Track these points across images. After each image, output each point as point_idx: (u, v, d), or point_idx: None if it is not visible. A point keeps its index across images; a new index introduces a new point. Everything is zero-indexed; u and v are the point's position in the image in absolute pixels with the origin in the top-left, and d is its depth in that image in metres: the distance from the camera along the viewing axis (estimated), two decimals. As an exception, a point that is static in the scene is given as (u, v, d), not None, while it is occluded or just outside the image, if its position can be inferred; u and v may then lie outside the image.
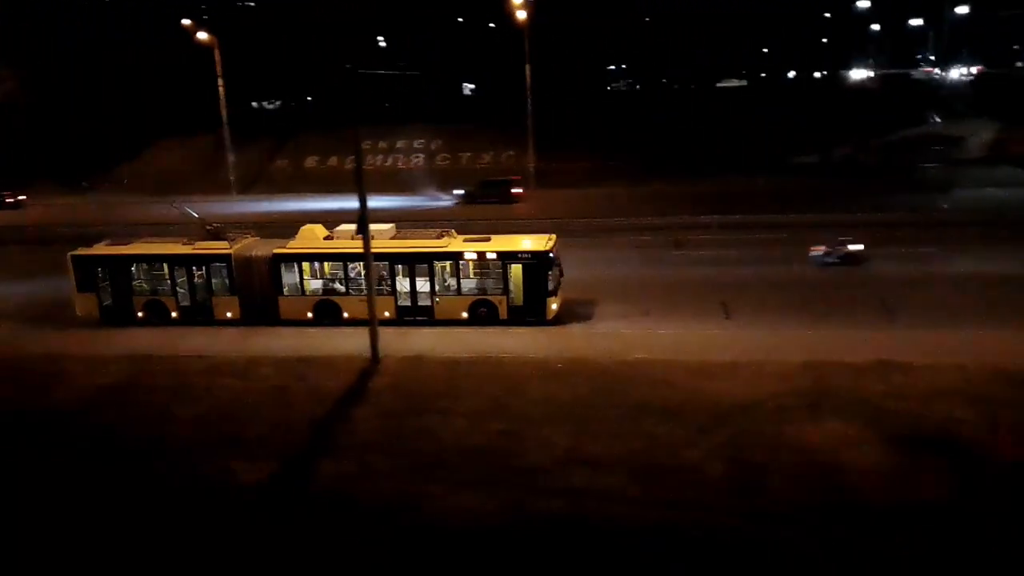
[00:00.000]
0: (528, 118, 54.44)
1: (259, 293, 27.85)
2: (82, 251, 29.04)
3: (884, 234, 36.58)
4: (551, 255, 26.48)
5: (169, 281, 28.40)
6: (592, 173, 56.83)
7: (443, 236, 27.83)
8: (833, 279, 30.83)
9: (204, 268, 28.02)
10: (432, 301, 27.18)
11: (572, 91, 78.21)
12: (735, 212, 42.62)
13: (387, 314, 26.91)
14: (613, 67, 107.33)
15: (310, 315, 27.76)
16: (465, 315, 27.05)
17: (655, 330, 25.75)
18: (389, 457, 17.98)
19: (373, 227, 27.58)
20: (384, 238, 27.67)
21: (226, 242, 28.48)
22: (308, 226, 29.13)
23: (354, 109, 65.60)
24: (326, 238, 28.43)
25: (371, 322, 23.95)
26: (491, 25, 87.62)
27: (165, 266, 28.43)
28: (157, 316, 28.45)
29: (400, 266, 27.14)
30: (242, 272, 27.76)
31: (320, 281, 28.01)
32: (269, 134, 70.77)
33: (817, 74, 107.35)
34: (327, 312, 27.70)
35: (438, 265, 26.99)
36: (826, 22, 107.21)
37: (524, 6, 52.58)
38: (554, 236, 27.70)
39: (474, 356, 23.82)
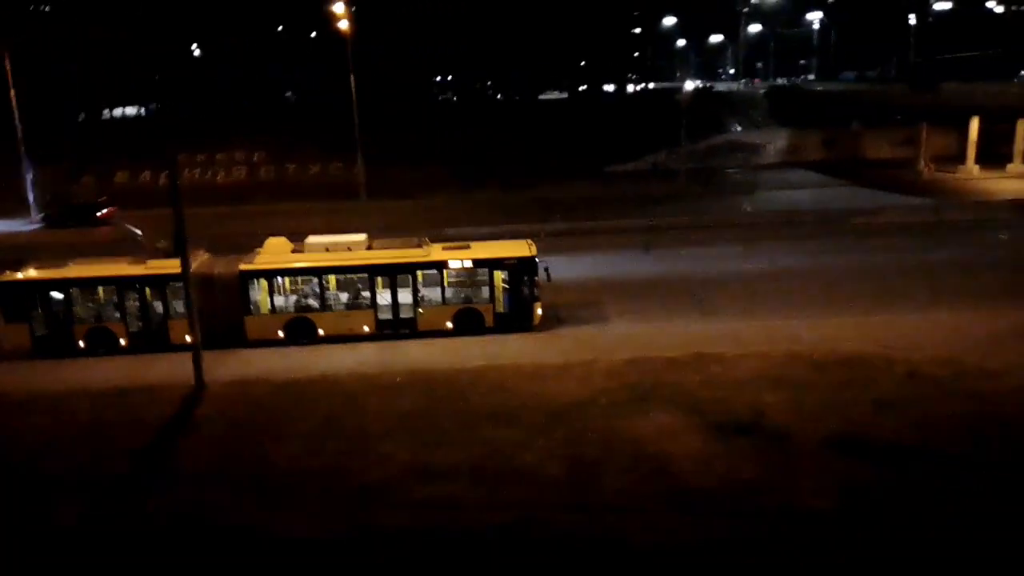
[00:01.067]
0: (355, 128, 53.69)
1: (223, 314, 25.52)
2: (10, 277, 25.92)
3: (699, 234, 39.35)
4: (536, 260, 25.98)
5: (117, 306, 25.82)
6: (425, 183, 56.89)
7: (422, 245, 26.77)
8: (649, 279, 32.70)
9: (158, 289, 25.66)
10: (415, 313, 26.19)
11: (401, 101, 78.13)
12: (564, 219, 44.09)
13: (366, 329, 26.07)
14: (439, 78, 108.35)
15: (281, 334, 26.04)
16: (450, 325, 26.24)
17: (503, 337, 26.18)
18: (219, 487, 17.11)
19: (346, 238, 26.94)
20: (358, 248, 26.46)
21: (166, 262, 25.73)
22: (272, 239, 27.12)
23: (166, 120, 61.82)
24: (293, 251, 26.60)
25: (195, 346, 22.66)
26: (312, 35, 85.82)
27: (113, 289, 25.77)
28: (102, 345, 25.84)
29: (380, 278, 25.88)
30: (202, 292, 24.82)
31: (292, 298, 26.24)
32: (81, 148, 65.11)
33: (631, 87, 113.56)
34: (301, 330, 26.03)
35: (421, 275, 25.96)
36: (637, 37, 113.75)
37: (346, 15, 51.92)
38: (532, 241, 27.13)
39: (311, 376, 23.19)
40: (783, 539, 14.49)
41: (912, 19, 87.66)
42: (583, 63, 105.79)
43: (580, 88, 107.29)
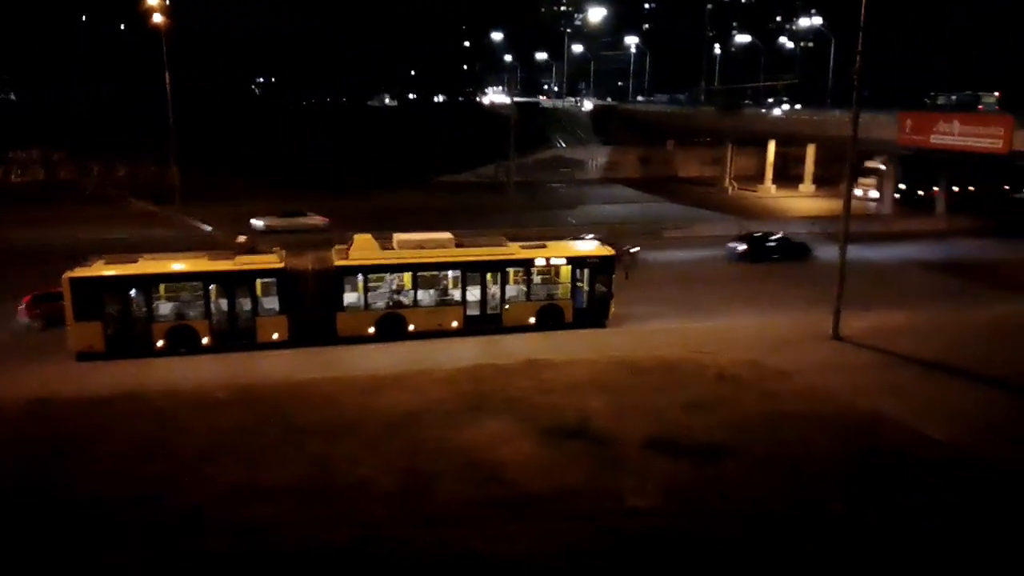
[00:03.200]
0: (170, 129, 50.55)
1: (314, 310, 25.20)
2: (83, 272, 24.05)
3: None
4: (614, 257, 27.33)
5: (202, 303, 24.60)
6: (248, 189, 54.57)
7: (502, 244, 27.48)
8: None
9: (248, 286, 24.81)
10: (501, 308, 26.74)
11: (221, 102, 74.48)
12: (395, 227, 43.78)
13: (455, 324, 26.59)
14: (262, 79, 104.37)
15: (372, 330, 25.93)
16: (533, 320, 27.16)
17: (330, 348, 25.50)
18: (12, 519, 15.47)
19: (434, 235, 27.45)
20: (448, 246, 26.93)
21: (275, 256, 25.50)
22: (360, 235, 26.86)
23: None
24: (383, 248, 26.55)
25: None
26: (122, 27, 79.89)
27: (199, 285, 24.61)
28: (183, 344, 24.58)
29: (471, 274, 26.46)
30: (295, 288, 24.91)
31: (384, 294, 26.28)
32: None
33: (461, 97, 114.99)
34: (392, 326, 26.00)
35: (510, 272, 26.64)
36: (467, 50, 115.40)
37: (161, 8, 48.77)
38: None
39: (123, 392, 21.51)
40: (610, 540, 15.16)
41: (717, 49, 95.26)
42: (413, 72, 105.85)
43: (410, 96, 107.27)
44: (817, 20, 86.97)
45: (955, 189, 54.70)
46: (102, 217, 47.49)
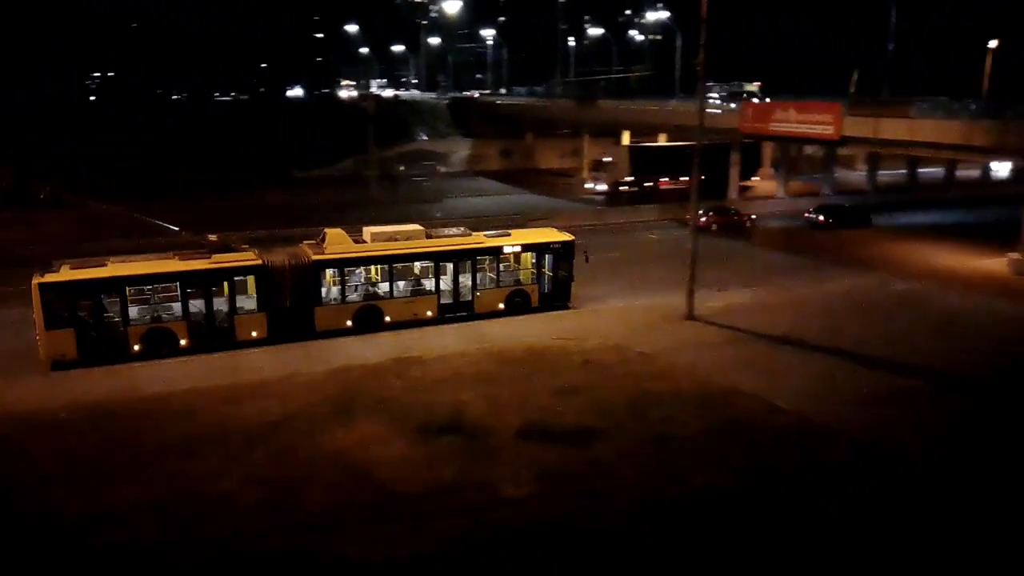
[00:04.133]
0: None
1: (292, 306, 25.31)
2: (53, 277, 22.96)
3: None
4: (575, 242, 28.67)
5: (179, 303, 24.13)
6: (93, 190, 50.79)
7: (470, 233, 28.20)
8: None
9: (226, 284, 24.47)
10: (473, 296, 27.58)
11: (59, 103, 69.05)
12: (260, 227, 42.05)
13: (429, 313, 27.28)
14: (98, 74, 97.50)
15: (350, 323, 26.30)
16: (502, 306, 28.24)
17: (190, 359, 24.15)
18: None
19: (405, 228, 28.22)
20: (418, 238, 27.48)
21: (251, 253, 25.19)
22: (333, 230, 27.08)
23: None
24: (356, 242, 26.85)
25: None
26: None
27: (175, 286, 24.03)
28: (162, 346, 23.93)
29: (444, 264, 27.21)
30: (272, 284, 24.94)
31: (361, 286, 26.58)
32: None
33: (316, 91, 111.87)
34: (369, 318, 26.42)
35: (481, 260, 27.49)
36: (319, 42, 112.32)
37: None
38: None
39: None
40: (485, 533, 15.20)
41: (571, 41, 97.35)
42: (264, 65, 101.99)
43: (261, 90, 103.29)
44: (664, 14, 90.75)
45: (684, 179, 52.58)
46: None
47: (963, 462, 17.77)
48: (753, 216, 47.09)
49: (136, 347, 23.94)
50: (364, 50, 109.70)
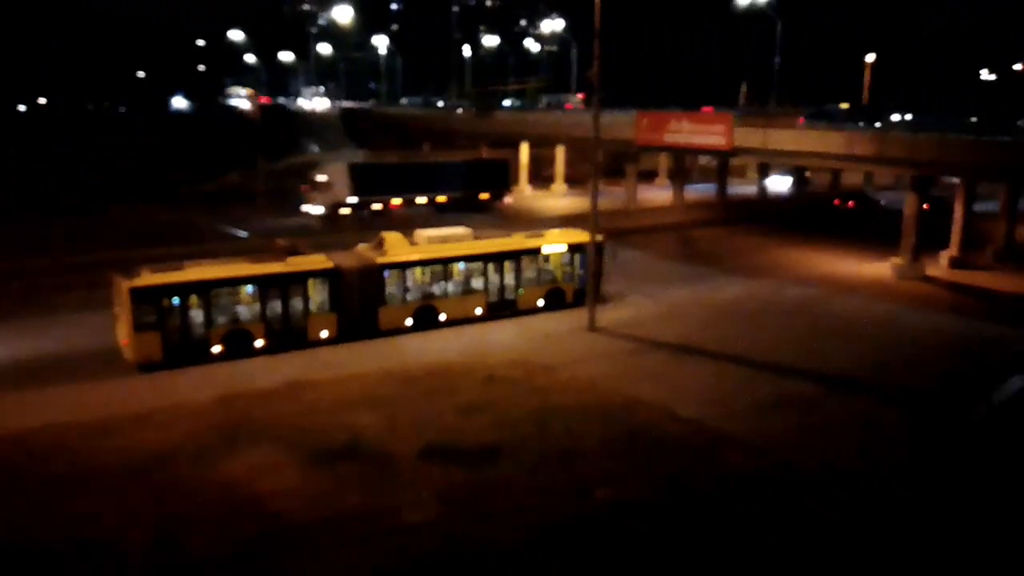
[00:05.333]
0: None
1: (360, 306, 26.58)
2: (144, 280, 23.37)
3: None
4: (604, 242, 29.96)
5: (258, 305, 24.90)
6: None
7: (512, 235, 30.24)
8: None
9: (301, 286, 25.59)
10: (516, 295, 29.09)
11: None
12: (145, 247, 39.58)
13: (478, 311, 28.75)
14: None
15: (409, 322, 27.47)
16: (541, 303, 29.92)
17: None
18: None
19: (456, 230, 29.84)
20: (468, 240, 29.23)
21: (323, 256, 26.52)
22: (389, 233, 28.60)
23: None
24: (412, 244, 28.32)
25: None
26: None
27: (255, 289, 24.79)
28: (241, 347, 24.54)
29: (492, 264, 28.85)
30: (342, 286, 26.20)
31: (419, 287, 27.86)
32: None
33: (197, 102, 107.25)
34: (426, 317, 27.73)
35: (523, 260, 29.13)
36: (202, 50, 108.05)
37: None
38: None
39: None
40: (385, 561, 14.49)
41: (467, 51, 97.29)
42: (143, 74, 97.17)
43: (140, 101, 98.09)
44: (559, 24, 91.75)
45: (422, 200, 51.32)
46: None
47: (849, 467, 18.28)
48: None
49: (217, 348, 24.46)
50: (251, 59, 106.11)
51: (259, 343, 25.12)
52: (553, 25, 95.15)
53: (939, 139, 36.49)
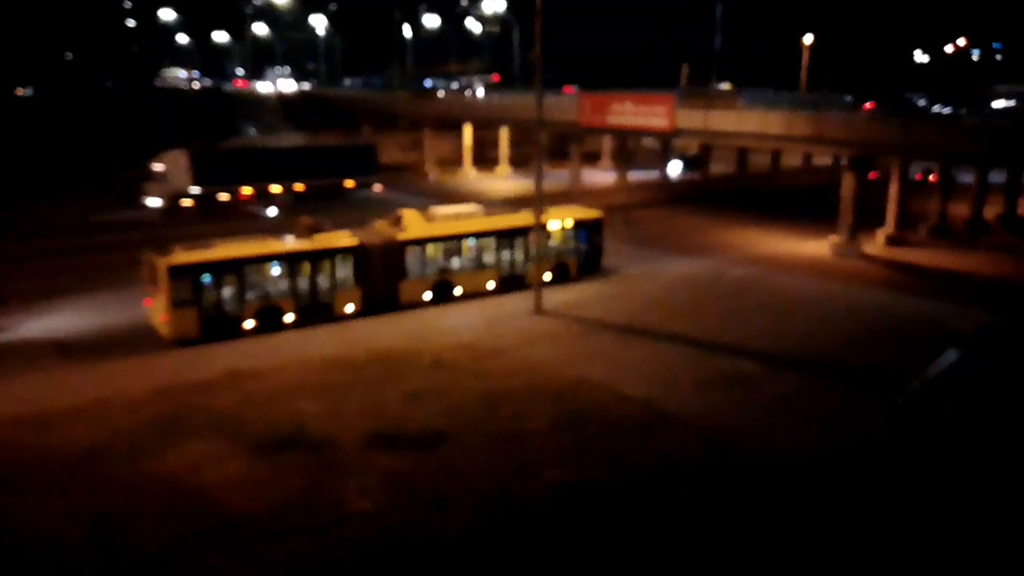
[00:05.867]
0: None
1: (382, 281, 27.81)
2: (181, 258, 24.08)
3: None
4: (603, 219, 32.76)
5: (288, 281, 25.95)
6: None
7: (519, 212, 31.74)
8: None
9: (329, 262, 26.70)
10: (525, 269, 30.36)
11: None
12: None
13: (490, 286, 30.16)
14: None
15: (427, 296, 28.80)
16: (548, 277, 30.47)
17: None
18: None
19: (467, 207, 31.49)
20: (479, 217, 30.63)
21: (347, 233, 27.63)
22: (407, 211, 29.72)
23: None
24: (427, 221, 29.39)
25: None
26: None
27: (285, 265, 25.91)
28: (272, 322, 25.62)
29: (503, 240, 30.20)
30: (369, 262, 27.39)
31: (436, 262, 29.07)
32: None
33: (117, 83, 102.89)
34: (443, 291, 29.13)
35: (532, 236, 29.40)
36: (132, 31, 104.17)
37: None
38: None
39: None
40: (332, 549, 14.24)
41: (408, 31, 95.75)
42: (70, 55, 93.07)
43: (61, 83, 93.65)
44: (501, 5, 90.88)
45: (277, 189, 47.72)
46: None
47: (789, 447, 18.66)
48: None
49: (250, 323, 25.36)
50: (184, 39, 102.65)
51: (289, 318, 26.06)
52: (495, 6, 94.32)
53: (875, 120, 37.37)
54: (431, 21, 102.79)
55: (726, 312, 28.46)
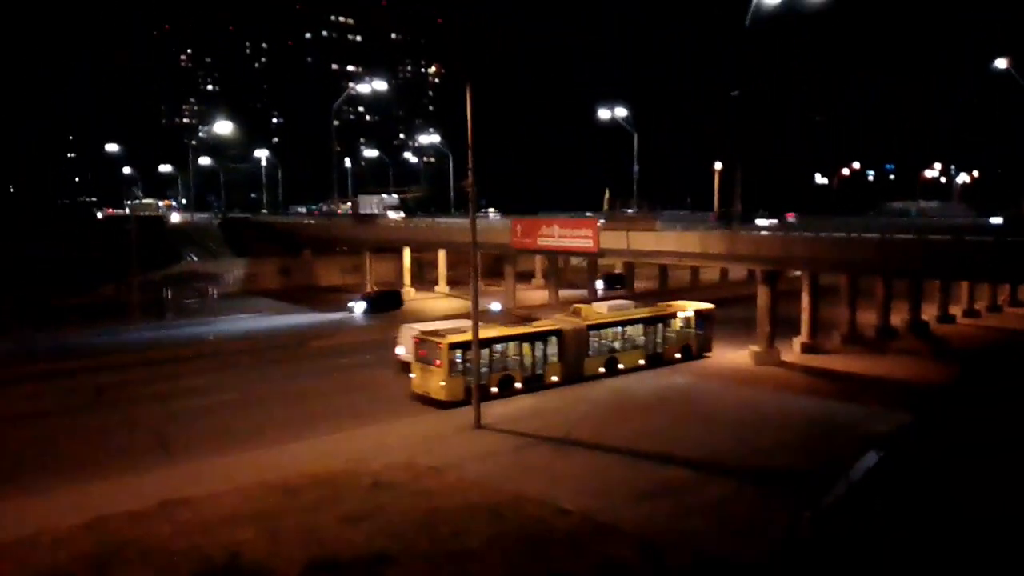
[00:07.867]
0: None
1: (574, 357, 35.21)
2: (455, 338, 31.32)
3: (150, 371, 37.23)
4: (714, 310, 41.36)
5: (518, 356, 33.37)
6: None
7: (657, 304, 41.50)
8: (101, 425, 29.74)
9: (544, 342, 34.28)
10: (664, 349, 38.67)
11: None
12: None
13: (641, 362, 37.74)
14: None
15: (602, 369, 36.26)
16: (679, 355, 39.18)
17: None
18: None
19: (620, 301, 41.91)
20: (630, 307, 39.75)
21: (550, 320, 37.21)
22: (581, 305, 39.69)
23: None
24: (599, 310, 38.32)
25: None
26: None
27: (518, 343, 33.51)
28: (507, 388, 32.82)
29: (652, 326, 38.35)
30: (566, 342, 34.88)
31: (607, 343, 36.82)
32: None
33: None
34: (612, 365, 36.65)
35: (668, 323, 39.00)
36: (76, 161, 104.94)
37: None
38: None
39: None
40: None
41: (348, 163, 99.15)
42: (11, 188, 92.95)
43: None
44: (436, 138, 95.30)
45: None
46: None
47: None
48: None
49: (494, 389, 31.96)
50: (127, 170, 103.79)
51: (518, 385, 33.02)
52: (431, 138, 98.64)
53: (783, 237, 39.96)
54: (370, 153, 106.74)
55: (656, 421, 29.29)
